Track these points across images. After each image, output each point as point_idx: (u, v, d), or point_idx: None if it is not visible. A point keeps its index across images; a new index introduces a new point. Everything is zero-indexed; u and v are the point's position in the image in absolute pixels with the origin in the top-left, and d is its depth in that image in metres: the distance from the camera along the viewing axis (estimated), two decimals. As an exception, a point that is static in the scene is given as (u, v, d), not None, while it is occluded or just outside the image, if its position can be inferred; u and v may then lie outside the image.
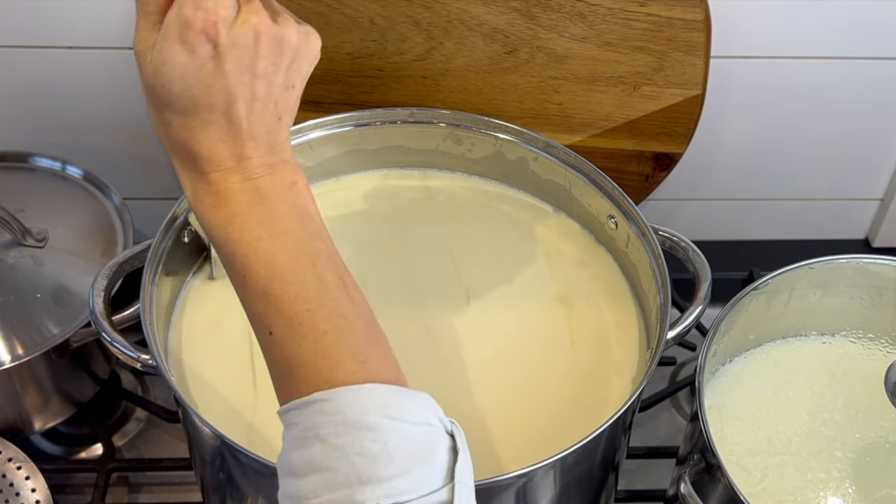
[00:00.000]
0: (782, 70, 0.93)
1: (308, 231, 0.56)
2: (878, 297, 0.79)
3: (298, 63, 0.56)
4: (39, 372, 0.82)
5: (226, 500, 0.72)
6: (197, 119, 0.54)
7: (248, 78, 0.54)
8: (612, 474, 0.77)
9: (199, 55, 0.52)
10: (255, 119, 0.55)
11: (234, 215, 0.55)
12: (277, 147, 0.56)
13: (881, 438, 0.75)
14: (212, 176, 0.55)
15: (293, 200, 0.56)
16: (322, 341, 0.53)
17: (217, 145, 0.55)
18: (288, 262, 0.54)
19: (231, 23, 0.53)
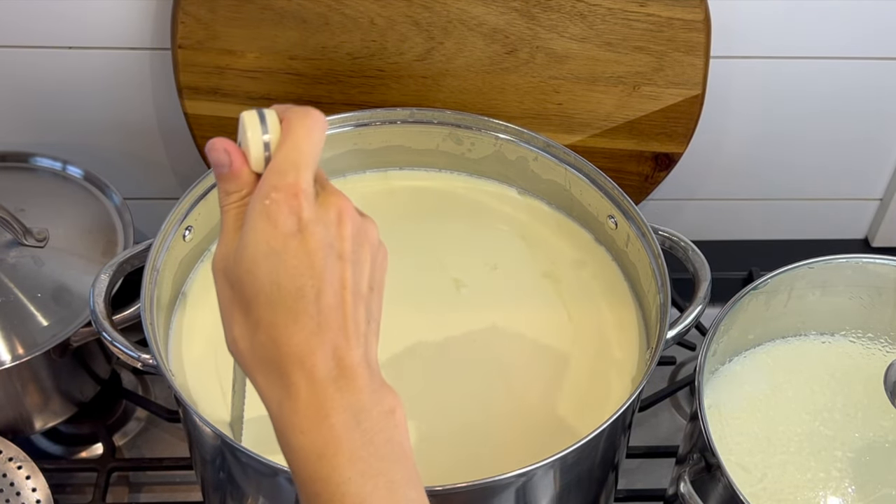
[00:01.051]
0: (782, 70, 0.93)
1: (403, 476, 0.48)
2: (878, 297, 0.79)
3: (379, 263, 0.52)
4: (40, 371, 0.82)
5: (226, 499, 0.73)
6: (284, 310, 0.48)
7: (334, 261, 0.49)
8: (612, 474, 0.77)
9: (283, 231, 0.48)
10: (348, 312, 0.49)
11: (328, 443, 0.47)
12: (370, 360, 0.50)
13: (881, 438, 0.75)
14: (303, 388, 0.48)
15: (390, 433, 0.49)
16: None
17: (309, 342, 0.48)
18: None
19: (313, 199, 0.49)
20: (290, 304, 0.48)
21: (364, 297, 0.50)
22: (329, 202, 0.50)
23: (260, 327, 0.49)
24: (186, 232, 0.76)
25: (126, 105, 0.92)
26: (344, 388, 0.48)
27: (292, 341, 0.48)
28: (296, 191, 0.48)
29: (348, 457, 0.47)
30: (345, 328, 0.49)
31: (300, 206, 0.48)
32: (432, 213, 0.85)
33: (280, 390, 0.49)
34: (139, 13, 0.86)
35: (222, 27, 0.84)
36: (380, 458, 0.48)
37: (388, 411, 0.49)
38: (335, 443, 0.47)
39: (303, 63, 0.86)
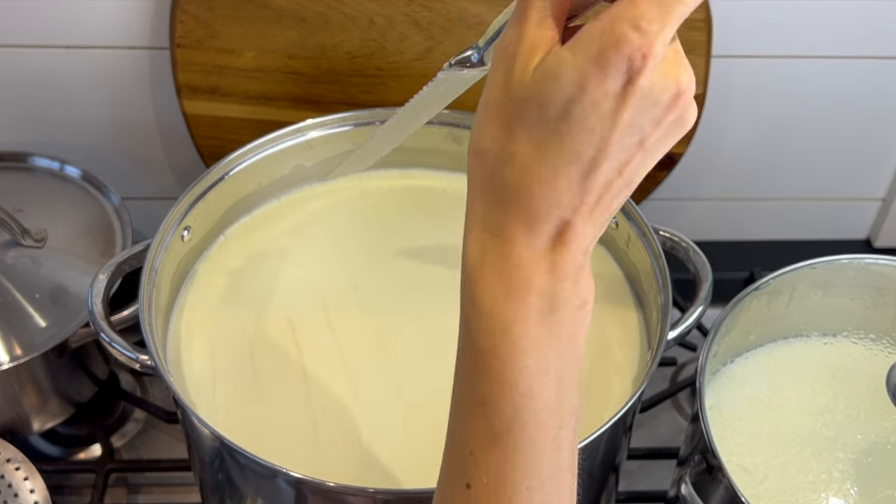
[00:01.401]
0: (783, 70, 0.93)
1: (572, 379, 0.45)
2: (880, 298, 0.79)
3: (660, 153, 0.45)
4: (38, 372, 0.82)
5: (225, 500, 0.72)
6: (550, 162, 0.42)
7: (632, 145, 0.42)
8: (613, 475, 0.76)
9: (605, 86, 0.41)
10: (607, 198, 0.44)
11: (515, 320, 0.43)
12: (589, 248, 0.46)
13: (883, 439, 0.75)
14: (518, 249, 0.43)
15: (574, 330, 0.45)
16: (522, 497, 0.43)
17: (551, 208, 0.43)
18: (539, 413, 0.44)
19: (658, 65, 0.41)
20: (560, 161, 0.42)
21: (630, 188, 0.44)
22: (672, 75, 0.41)
23: (516, 158, 0.43)
24: (185, 232, 0.76)
25: (124, 105, 0.92)
26: (555, 270, 0.43)
27: (535, 196, 0.43)
28: (647, 48, 0.40)
29: (532, 344, 0.43)
30: (592, 212, 0.44)
31: (641, 69, 0.40)
32: (432, 213, 0.85)
33: (492, 236, 0.44)
34: (138, 12, 0.85)
35: (221, 26, 0.83)
36: (559, 356, 0.44)
37: (581, 305, 0.45)
38: (524, 324, 0.43)
39: (302, 62, 0.86)
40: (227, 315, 0.77)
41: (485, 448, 0.43)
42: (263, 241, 0.82)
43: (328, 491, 0.62)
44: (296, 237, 0.82)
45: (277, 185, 0.83)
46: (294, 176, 0.83)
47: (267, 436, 0.70)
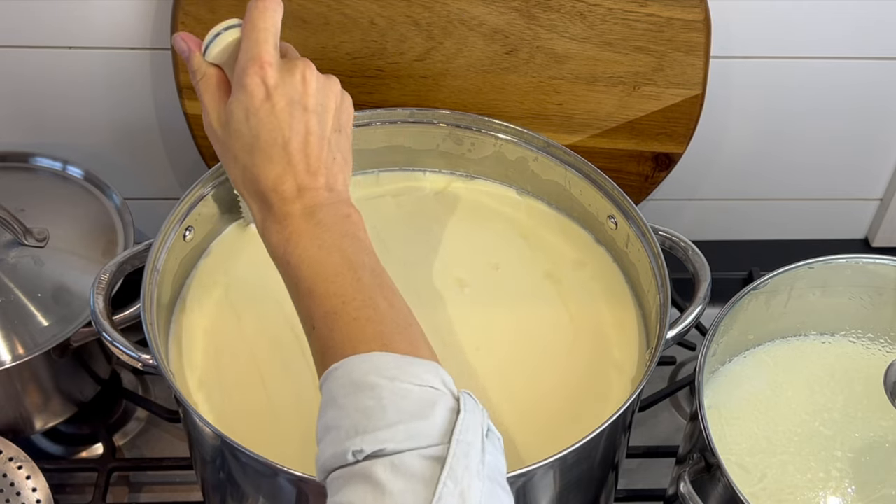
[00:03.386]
0: (782, 70, 0.93)
1: (355, 249, 0.62)
2: (878, 297, 0.79)
3: (343, 109, 0.66)
4: (40, 371, 0.82)
5: (226, 499, 0.73)
6: (261, 156, 0.63)
7: (300, 113, 0.63)
8: (612, 474, 0.77)
9: (256, 96, 0.62)
10: (312, 152, 0.63)
11: (290, 233, 0.62)
12: (335, 186, 0.64)
13: (881, 438, 0.75)
14: (276, 206, 0.63)
15: (345, 228, 0.62)
16: (351, 326, 0.58)
17: (280, 176, 0.63)
18: (332, 268, 0.60)
19: (277, 67, 0.63)
20: (266, 150, 0.63)
21: (328, 138, 0.64)
22: (293, 66, 0.64)
23: (246, 169, 0.64)
24: (187, 232, 0.76)
25: (126, 105, 0.92)
26: (306, 203, 0.63)
27: (269, 176, 0.63)
28: (261, 63, 0.63)
29: (308, 237, 0.61)
30: (307, 165, 0.63)
31: (266, 75, 0.63)
32: (433, 213, 0.85)
33: (262, 208, 0.64)
34: (139, 13, 0.86)
35: (222, 27, 0.84)
36: (333, 238, 0.61)
37: (344, 216, 0.63)
38: (297, 231, 0.62)
39: (303, 63, 0.86)
40: (229, 314, 0.77)
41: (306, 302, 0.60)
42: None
43: (329, 489, 0.63)
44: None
45: (278, 185, 0.83)
46: (295, 176, 0.83)
47: (268, 434, 0.70)
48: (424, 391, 0.54)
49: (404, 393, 0.53)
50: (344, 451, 0.53)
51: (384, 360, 0.55)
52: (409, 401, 0.53)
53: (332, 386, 0.56)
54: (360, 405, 0.53)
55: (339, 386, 0.55)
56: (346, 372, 0.55)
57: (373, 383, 0.54)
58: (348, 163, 0.66)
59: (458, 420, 0.53)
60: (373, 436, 0.52)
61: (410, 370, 0.55)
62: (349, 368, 0.55)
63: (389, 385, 0.54)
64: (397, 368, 0.55)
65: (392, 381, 0.54)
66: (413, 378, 0.54)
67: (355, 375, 0.55)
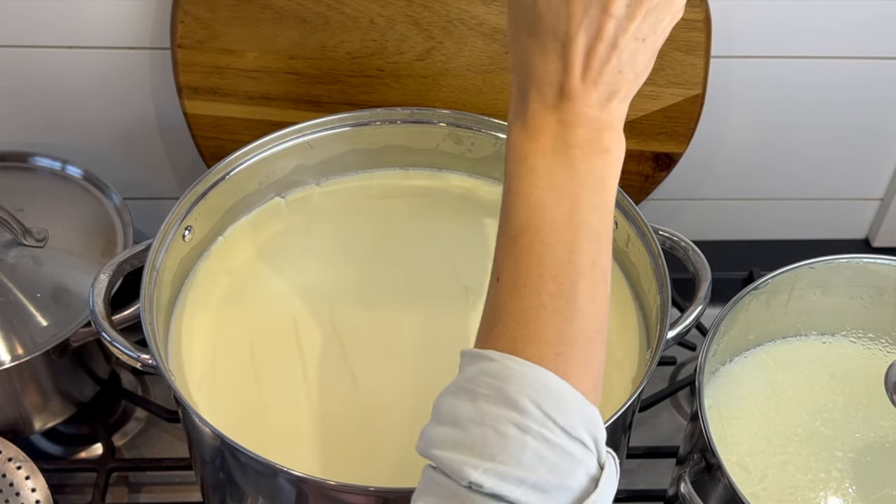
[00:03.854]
0: (782, 70, 0.93)
1: (591, 202, 0.53)
2: (878, 297, 0.79)
3: (656, 15, 0.54)
4: (39, 372, 0.82)
5: (226, 499, 0.72)
6: (538, 44, 0.54)
7: (597, 13, 0.53)
8: (612, 474, 0.77)
9: None
10: (594, 61, 0.53)
11: (530, 153, 0.54)
12: (609, 106, 0.55)
13: (881, 438, 0.75)
14: (532, 106, 0.54)
15: (594, 167, 0.54)
16: (534, 313, 0.51)
17: (548, 76, 0.54)
18: (552, 221, 0.52)
19: None
20: (543, 40, 0.54)
21: (621, 48, 0.54)
22: None
23: (520, 47, 0.56)
24: (186, 232, 0.76)
25: (126, 105, 0.92)
26: (566, 120, 0.54)
27: (536, 67, 0.55)
28: None
29: (546, 170, 0.53)
30: (584, 72, 0.54)
31: None
32: (432, 213, 0.85)
33: (518, 99, 0.56)
34: (139, 13, 0.86)
35: (222, 27, 0.84)
36: (573, 181, 0.53)
37: (603, 150, 0.54)
38: (540, 154, 0.54)
39: (303, 62, 0.86)
40: (229, 314, 0.77)
41: (506, 248, 0.53)
42: (264, 240, 0.82)
43: (329, 489, 0.63)
44: (297, 237, 0.83)
45: (278, 185, 0.83)
46: (295, 176, 0.84)
47: (268, 434, 0.70)
48: (573, 446, 0.49)
49: (552, 441, 0.48)
50: (460, 469, 0.48)
51: (549, 383, 0.49)
52: (554, 452, 0.48)
53: (477, 377, 0.50)
54: (499, 427, 0.48)
55: (484, 384, 0.49)
56: (500, 374, 0.49)
57: (524, 408, 0.48)
58: (640, 78, 0.56)
59: (594, 493, 0.49)
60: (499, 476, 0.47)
61: (570, 413, 0.49)
62: (504, 372, 0.49)
63: (541, 422, 0.48)
64: (558, 403, 0.49)
65: (545, 419, 0.48)
66: (568, 425, 0.49)
67: (508, 388, 0.49)
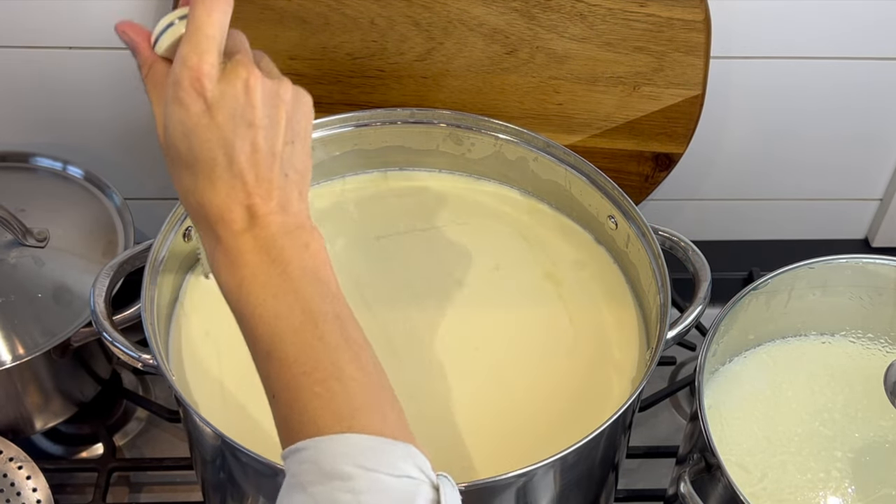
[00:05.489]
0: (782, 70, 0.93)
1: (317, 292, 0.55)
2: (878, 297, 0.79)
3: (296, 118, 0.57)
4: (40, 371, 0.82)
5: (226, 499, 0.73)
6: (204, 178, 0.55)
7: (244, 129, 0.54)
8: (612, 474, 0.77)
9: (193, 111, 0.54)
10: (261, 172, 0.55)
11: (243, 278, 0.55)
12: (289, 207, 0.56)
13: (881, 438, 0.76)
14: (225, 238, 0.55)
15: (304, 263, 0.55)
16: (314, 403, 0.52)
17: (226, 202, 0.55)
18: (290, 323, 0.54)
19: (217, 76, 0.54)
20: (208, 173, 0.55)
21: (279, 154, 0.55)
22: (234, 75, 0.54)
23: (189, 192, 0.56)
24: (187, 232, 0.76)
25: (126, 105, 0.92)
26: (258, 235, 0.55)
27: (213, 203, 0.55)
28: (198, 74, 0.54)
29: (261, 283, 0.55)
30: (258, 186, 0.55)
31: (203, 88, 0.54)
32: (433, 213, 0.85)
33: (211, 240, 0.56)
34: (139, 13, 0.86)
35: (222, 27, 0.84)
36: (291, 282, 0.55)
37: (302, 245, 0.56)
38: (250, 275, 0.55)
39: (303, 63, 0.86)
40: (229, 314, 0.77)
41: (266, 368, 0.55)
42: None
43: (329, 489, 0.63)
44: (297, 237, 0.83)
45: (278, 185, 0.83)
46: (295, 176, 0.84)
47: (268, 434, 0.70)
48: (402, 482, 0.50)
49: (381, 486, 0.49)
50: None
51: (355, 443, 0.51)
52: (388, 494, 0.49)
53: (298, 469, 0.51)
54: (332, 498, 0.49)
55: (306, 472, 0.51)
56: (314, 457, 0.51)
57: (346, 473, 0.49)
58: (305, 176, 0.58)
59: None
60: None
61: (386, 457, 0.51)
62: (316, 454, 0.51)
63: (365, 476, 0.49)
64: (372, 455, 0.50)
65: (367, 472, 0.50)
66: (389, 468, 0.50)
67: (325, 463, 0.50)
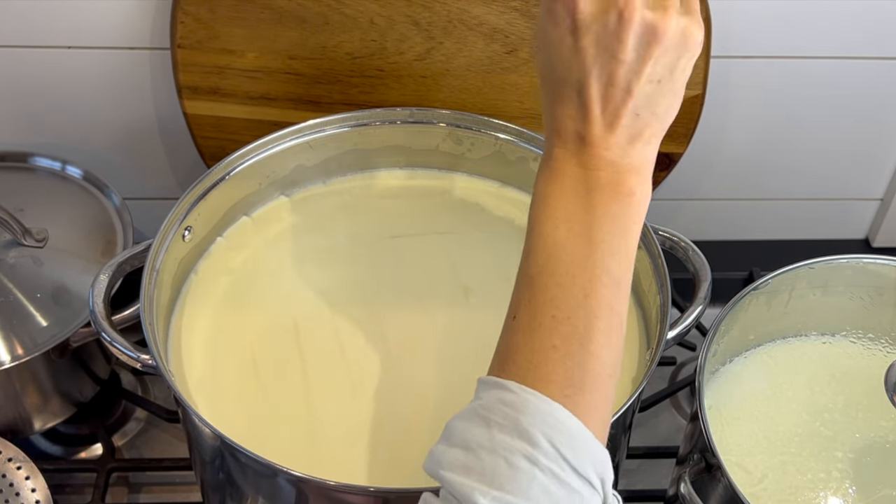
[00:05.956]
0: (782, 70, 0.93)
1: (610, 247, 0.54)
2: (878, 297, 0.79)
3: (671, 56, 0.55)
4: (39, 372, 0.82)
5: (225, 500, 0.72)
6: (555, 93, 0.56)
7: (606, 59, 0.54)
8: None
9: (561, 28, 0.55)
10: (609, 106, 0.55)
11: (551, 195, 0.55)
12: (631, 150, 0.55)
13: (881, 438, 0.75)
14: (555, 151, 0.56)
15: (616, 210, 0.55)
16: (544, 354, 0.52)
17: (566, 122, 0.55)
18: (568, 264, 0.53)
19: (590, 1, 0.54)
20: (558, 89, 0.56)
21: (637, 92, 0.54)
22: (611, 3, 0.54)
23: (545, 95, 0.57)
24: (186, 232, 0.76)
25: (126, 105, 0.92)
26: (585, 162, 0.55)
27: (555, 114, 0.56)
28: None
29: (565, 213, 0.54)
30: (601, 118, 0.55)
31: (575, 7, 0.54)
32: (433, 213, 0.85)
33: (547, 144, 0.57)
34: (139, 13, 0.86)
35: (222, 27, 0.84)
36: (592, 225, 0.54)
37: (624, 193, 0.55)
38: (560, 197, 0.55)
39: (302, 63, 0.86)
40: (228, 314, 0.77)
41: (523, 287, 0.55)
42: (264, 240, 0.82)
43: (329, 490, 0.63)
44: (296, 237, 0.83)
45: (278, 185, 0.83)
46: (295, 176, 0.84)
47: (267, 435, 0.70)
48: (581, 484, 0.50)
49: (560, 477, 0.49)
50: (469, 494, 0.49)
51: (563, 421, 0.50)
52: (561, 488, 0.49)
53: (493, 405, 0.51)
54: (511, 458, 0.49)
55: (500, 413, 0.50)
56: (516, 405, 0.50)
57: (536, 441, 0.49)
58: (663, 119, 0.56)
59: None
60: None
61: (581, 452, 0.50)
62: (521, 404, 0.50)
63: (552, 457, 0.49)
64: (572, 442, 0.50)
65: (556, 455, 0.49)
66: (577, 463, 0.50)
67: (523, 420, 0.50)
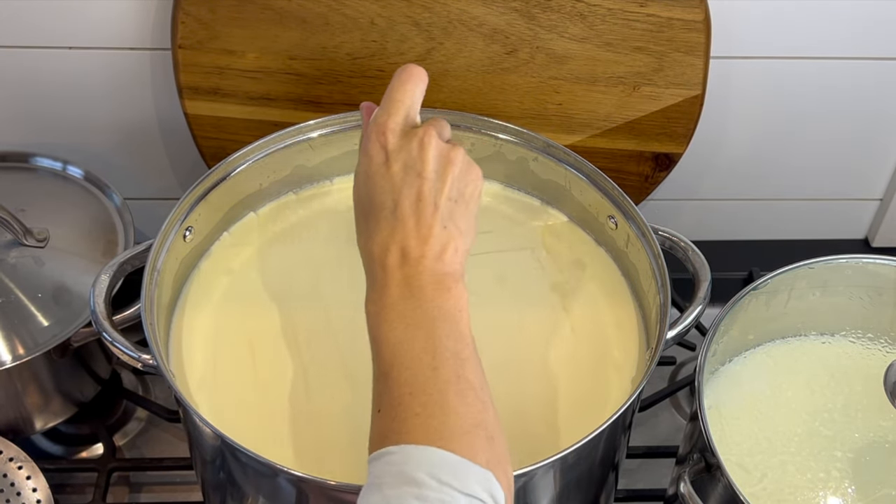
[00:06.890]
0: (782, 70, 0.93)
1: (445, 330, 0.59)
2: (878, 297, 0.79)
3: (463, 181, 0.63)
4: (40, 372, 0.82)
5: (226, 499, 0.73)
6: (373, 219, 0.62)
7: (413, 178, 0.62)
8: (612, 474, 0.77)
9: (375, 161, 0.63)
10: (421, 219, 0.61)
11: (382, 308, 0.60)
12: (444, 256, 0.61)
13: (880, 438, 0.76)
14: (379, 277, 0.61)
15: (441, 303, 0.60)
16: (412, 421, 0.56)
17: (386, 242, 0.61)
18: (411, 351, 0.58)
19: (400, 133, 0.63)
20: (377, 215, 0.62)
21: (441, 207, 0.62)
22: (413, 134, 0.63)
23: (362, 236, 0.64)
24: (187, 232, 0.76)
25: (126, 105, 0.92)
26: (407, 273, 0.60)
27: (376, 242, 0.62)
28: (383, 129, 0.63)
29: (398, 312, 0.59)
30: (417, 231, 0.61)
31: (386, 141, 0.63)
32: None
33: (370, 278, 0.62)
34: (139, 13, 0.86)
35: (222, 27, 0.84)
36: (423, 316, 0.59)
37: (445, 289, 0.61)
38: (390, 303, 0.60)
39: (303, 63, 0.86)
40: (229, 314, 0.77)
41: (380, 382, 0.59)
42: (265, 241, 0.82)
43: (329, 489, 0.63)
44: (297, 237, 0.83)
45: (278, 185, 0.83)
46: (295, 176, 0.84)
47: (268, 434, 0.70)
48: (469, 501, 0.53)
49: (448, 500, 0.52)
50: None
51: (439, 457, 0.54)
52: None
53: (381, 470, 0.55)
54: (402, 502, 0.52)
55: (388, 473, 0.54)
56: (399, 460, 0.54)
57: (420, 481, 0.53)
58: (465, 235, 0.63)
59: None
60: None
61: (462, 476, 0.54)
62: (403, 457, 0.54)
63: (437, 488, 0.53)
64: (450, 470, 0.54)
65: (440, 484, 0.53)
66: (462, 486, 0.53)
67: (407, 467, 0.54)
